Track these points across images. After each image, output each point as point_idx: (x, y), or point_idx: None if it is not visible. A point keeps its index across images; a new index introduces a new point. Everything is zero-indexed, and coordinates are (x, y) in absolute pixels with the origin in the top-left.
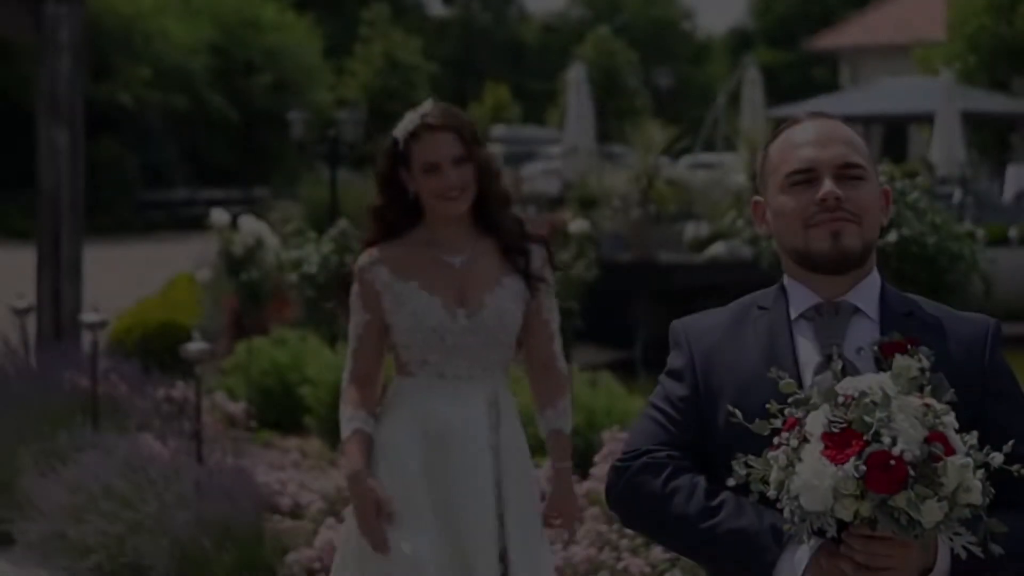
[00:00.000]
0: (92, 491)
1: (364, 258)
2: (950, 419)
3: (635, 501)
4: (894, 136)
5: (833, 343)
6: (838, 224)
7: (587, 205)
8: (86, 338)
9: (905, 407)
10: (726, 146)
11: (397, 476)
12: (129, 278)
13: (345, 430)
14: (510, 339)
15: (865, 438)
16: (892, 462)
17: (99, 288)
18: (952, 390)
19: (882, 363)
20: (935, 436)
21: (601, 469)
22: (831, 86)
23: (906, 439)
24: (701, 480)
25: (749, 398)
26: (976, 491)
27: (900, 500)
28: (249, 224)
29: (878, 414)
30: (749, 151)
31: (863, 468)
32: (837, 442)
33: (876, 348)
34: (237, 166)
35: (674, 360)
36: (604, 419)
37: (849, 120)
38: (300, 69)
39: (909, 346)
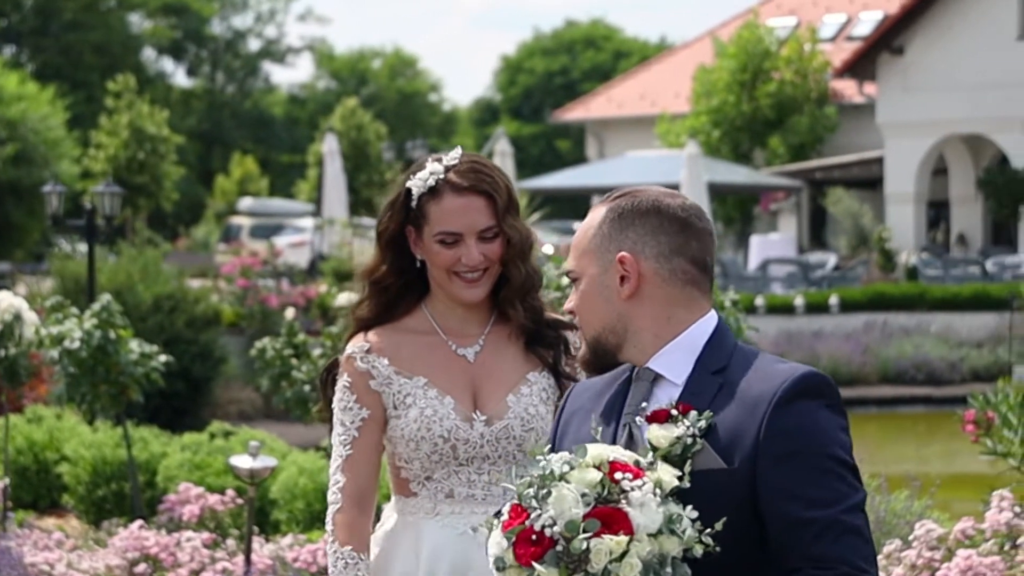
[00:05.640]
0: None
1: (355, 345)
2: (639, 494)
3: None
4: None
5: (638, 409)
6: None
7: (343, 277)
8: None
9: (580, 481)
10: None
11: None
12: None
13: (333, 574)
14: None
15: (529, 511)
16: (534, 536)
17: None
18: (718, 457)
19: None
20: (601, 511)
21: None
22: (578, 158)
23: (555, 514)
24: None
25: None
26: (634, 573)
27: (546, 574)
28: (7, 299)
29: (538, 489)
30: None
31: (511, 540)
32: (514, 513)
33: (645, 416)
34: None
35: (553, 421)
36: None
37: (596, 192)
38: (44, 141)
39: (678, 413)
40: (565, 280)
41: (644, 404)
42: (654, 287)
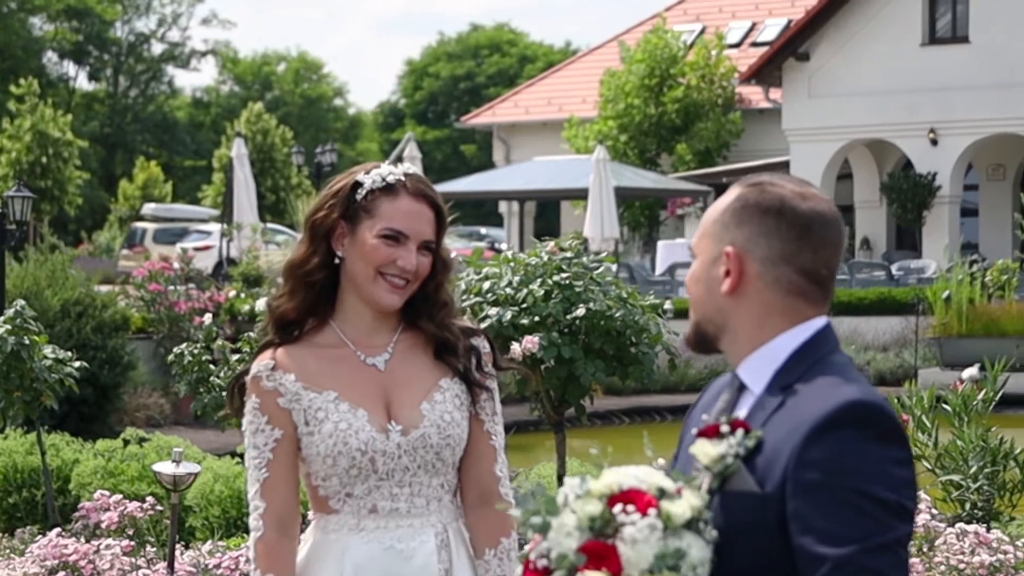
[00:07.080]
0: None
1: (260, 364)
2: (633, 529)
3: None
4: (546, 211)
5: (724, 416)
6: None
7: (252, 282)
8: None
9: (582, 512)
10: None
11: None
12: None
13: None
14: (457, 456)
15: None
16: (530, 565)
17: None
18: (752, 480)
19: None
20: (591, 546)
21: None
22: (485, 163)
23: (549, 545)
24: None
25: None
26: None
27: None
28: None
29: (540, 518)
30: None
31: (521, 564)
32: (535, 539)
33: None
34: None
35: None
36: None
37: (503, 197)
38: None
39: (727, 429)
40: (486, 284)
41: (704, 416)
42: (755, 290)
